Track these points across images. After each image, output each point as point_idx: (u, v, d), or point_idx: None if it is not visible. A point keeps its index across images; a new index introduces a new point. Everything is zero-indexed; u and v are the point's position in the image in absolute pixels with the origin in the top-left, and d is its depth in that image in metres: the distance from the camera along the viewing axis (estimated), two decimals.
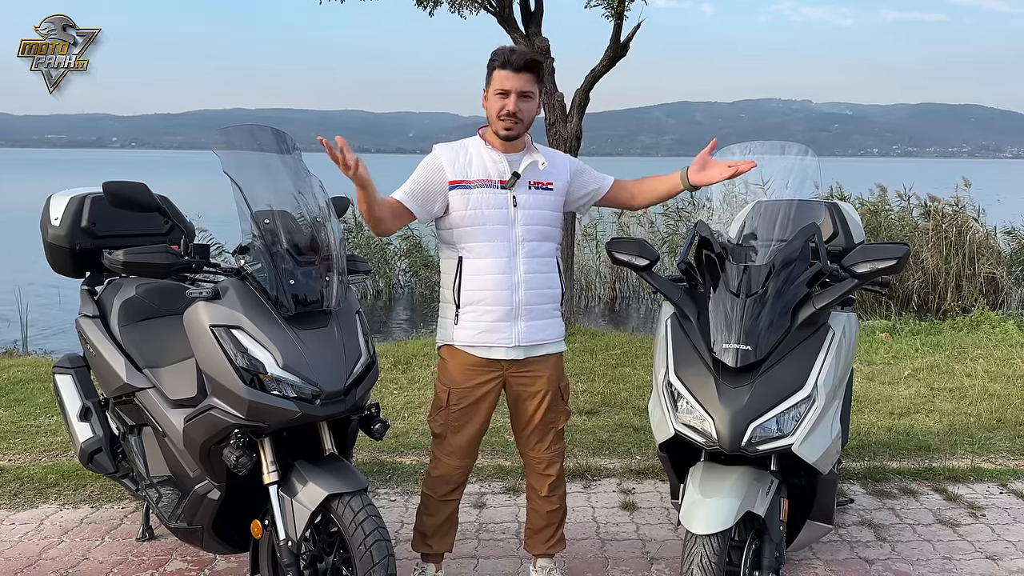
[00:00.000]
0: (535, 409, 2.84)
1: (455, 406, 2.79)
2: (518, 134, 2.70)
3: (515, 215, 2.70)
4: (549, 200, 2.78)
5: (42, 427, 4.88)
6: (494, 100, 2.67)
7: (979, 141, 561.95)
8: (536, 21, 7.86)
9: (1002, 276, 11.09)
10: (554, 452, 2.92)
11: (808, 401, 2.50)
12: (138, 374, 3.02)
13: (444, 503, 2.90)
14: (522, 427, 2.90)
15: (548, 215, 2.78)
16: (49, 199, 3.46)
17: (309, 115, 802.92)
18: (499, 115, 2.65)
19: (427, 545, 2.95)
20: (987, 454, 4.47)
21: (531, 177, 2.75)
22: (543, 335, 2.79)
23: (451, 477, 2.87)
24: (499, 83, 2.65)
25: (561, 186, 2.81)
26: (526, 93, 2.65)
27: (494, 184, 2.70)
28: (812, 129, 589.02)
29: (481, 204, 2.69)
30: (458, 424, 2.81)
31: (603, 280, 12.47)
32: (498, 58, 2.65)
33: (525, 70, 2.64)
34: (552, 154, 2.86)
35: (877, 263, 2.56)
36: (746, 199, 3.28)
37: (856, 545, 3.41)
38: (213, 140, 2.60)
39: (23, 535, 3.48)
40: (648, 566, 3.24)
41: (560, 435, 2.94)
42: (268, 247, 2.50)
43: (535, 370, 2.80)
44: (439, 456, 2.87)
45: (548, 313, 2.80)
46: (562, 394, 2.89)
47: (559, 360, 2.88)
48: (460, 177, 2.71)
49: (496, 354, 2.75)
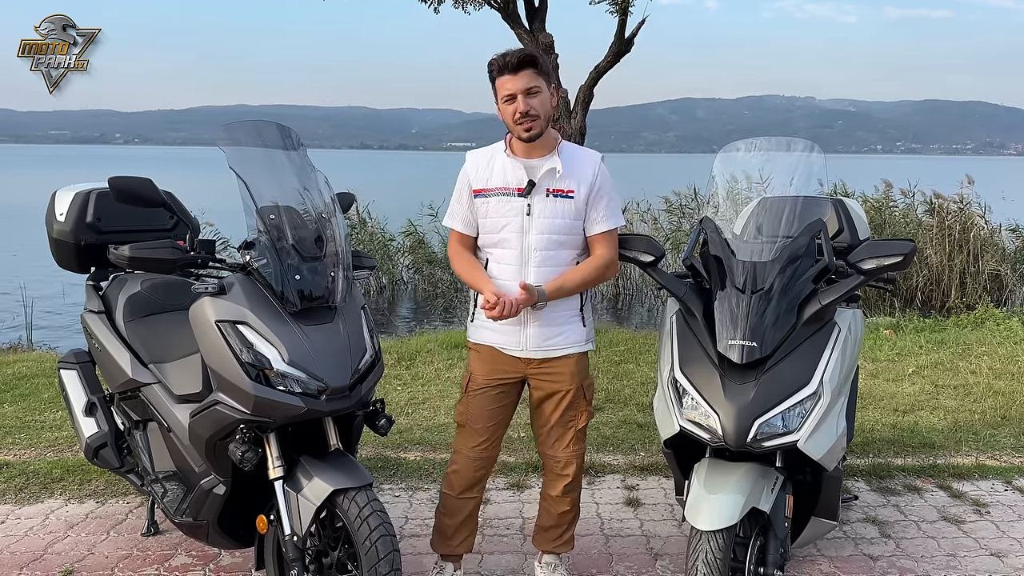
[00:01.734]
0: (555, 407, 2.83)
1: (474, 393, 2.84)
2: (540, 131, 2.65)
3: (529, 224, 2.69)
4: (568, 208, 2.71)
5: (47, 422, 4.89)
6: (505, 108, 2.65)
7: (984, 138, 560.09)
8: (540, 17, 7.85)
9: (1006, 273, 11.07)
10: (572, 452, 2.88)
11: (814, 398, 2.50)
12: (143, 369, 3.02)
13: (462, 501, 2.90)
14: (541, 425, 2.89)
15: (567, 223, 2.71)
16: (54, 195, 3.46)
17: (312, 111, 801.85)
18: (515, 120, 2.63)
19: (447, 545, 2.95)
20: (991, 451, 4.46)
21: (549, 184, 2.70)
22: (556, 341, 2.77)
23: (468, 473, 2.87)
24: (503, 90, 2.64)
25: (584, 192, 2.72)
26: (531, 89, 2.62)
27: (511, 192, 2.70)
28: (816, 126, 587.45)
29: (498, 212, 2.71)
30: (477, 411, 2.83)
31: None
32: (494, 66, 2.64)
33: (522, 67, 2.60)
34: (579, 157, 2.77)
35: (884, 259, 2.56)
36: (750, 196, 3.27)
37: (861, 542, 3.41)
38: (218, 136, 2.60)
39: (29, 530, 3.49)
40: (652, 562, 3.24)
41: (581, 435, 2.90)
42: (273, 243, 2.50)
43: (556, 368, 2.79)
44: (459, 448, 2.90)
45: (562, 319, 2.77)
46: (585, 393, 2.87)
47: (582, 359, 2.85)
48: (481, 186, 2.74)
49: (511, 352, 2.78)
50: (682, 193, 12.76)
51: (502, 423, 2.89)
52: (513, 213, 2.70)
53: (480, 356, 2.85)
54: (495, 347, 2.80)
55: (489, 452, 2.89)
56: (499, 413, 2.86)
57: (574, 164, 2.73)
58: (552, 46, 7.74)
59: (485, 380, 2.83)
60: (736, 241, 2.83)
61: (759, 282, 2.59)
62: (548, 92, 2.66)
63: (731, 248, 2.74)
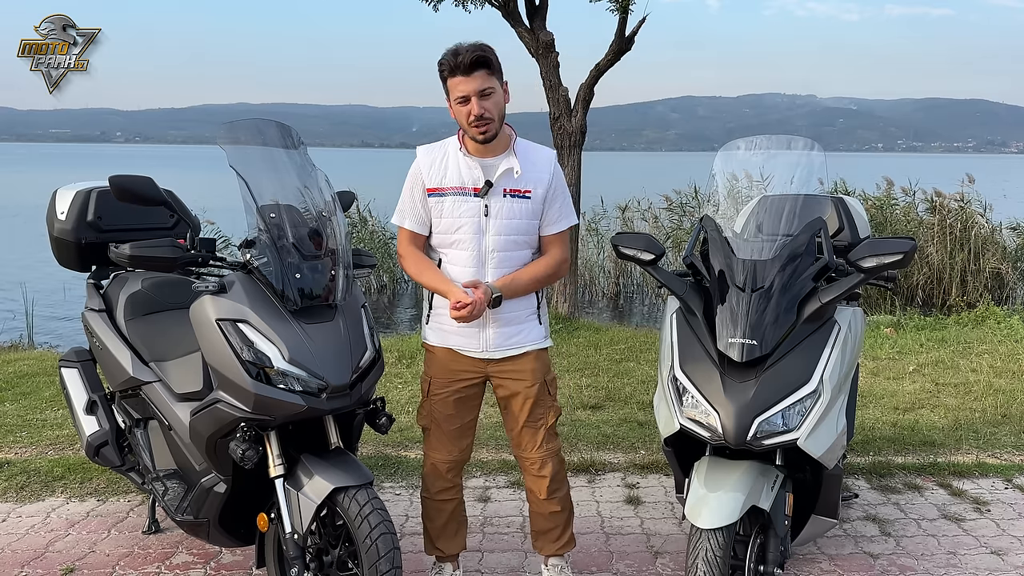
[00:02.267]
0: (521, 406, 2.80)
1: (436, 396, 2.80)
2: (495, 132, 2.62)
3: (487, 224, 2.65)
4: (526, 208, 2.69)
5: (48, 420, 4.90)
6: (459, 109, 2.59)
7: (984, 136, 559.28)
8: (541, 15, 7.84)
9: (1007, 271, 11.07)
10: (546, 451, 2.84)
11: (814, 396, 2.50)
12: (144, 368, 3.03)
13: (440, 503, 2.88)
14: (511, 427, 2.86)
15: (524, 224, 2.70)
16: (55, 193, 3.47)
17: (313, 110, 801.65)
18: (469, 122, 2.59)
19: (436, 548, 2.94)
20: (992, 449, 4.46)
21: (506, 185, 2.67)
22: (515, 340, 2.76)
23: (440, 473, 2.85)
24: (456, 91, 2.57)
25: (541, 193, 2.71)
26: (485, 91, 2.55)
27: (467, 192, 2.66)
28: (816, 124, 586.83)
29: (453, 212, 2.67)
30: (441, 415, 2.80)
31: (607, 275, 12.47)
32: (445, 66, 2.57)
33: (475, 68, 2.53)
34: (534, 157, 2.74)
35: (884, 257, 2.55)
36: (750, 194, 3.27)
37: (861, 540, 3.41)
38: (219, 135, 2.60)
39: (30, 528, 3.50)
40: (653, 560, 3.25)
41: (552, 433, 2.87)
42: (274, 241, 2.50)
43: (518, 366, 2.77)
44: (427, 451, 2.87)
45: (520, 319, 2.76)
46: (549, 389, 2.84)
47: (543, 355, 2.83)
48: (435, 185, 2.68)
49: (470, 353, 2.75)
50: (682, 191, 12.77)
51: (469, 423, 2.86)
52: (470, 214, 2.66)
53: (437, 358, 2.79)
54: (453, 348, 2.76)
55: (458, 455, 2.86)
56: (464, 414, 2.83)
57: (530, 164, 2.71)
58: (553, 44, 7.74)
59: (445, 383, 2.78)
60: (736, 239, 2.83)
61: (759, 280, 2.59)
62: (501, 91, 2.61)
63: (731, 246, 2.74)
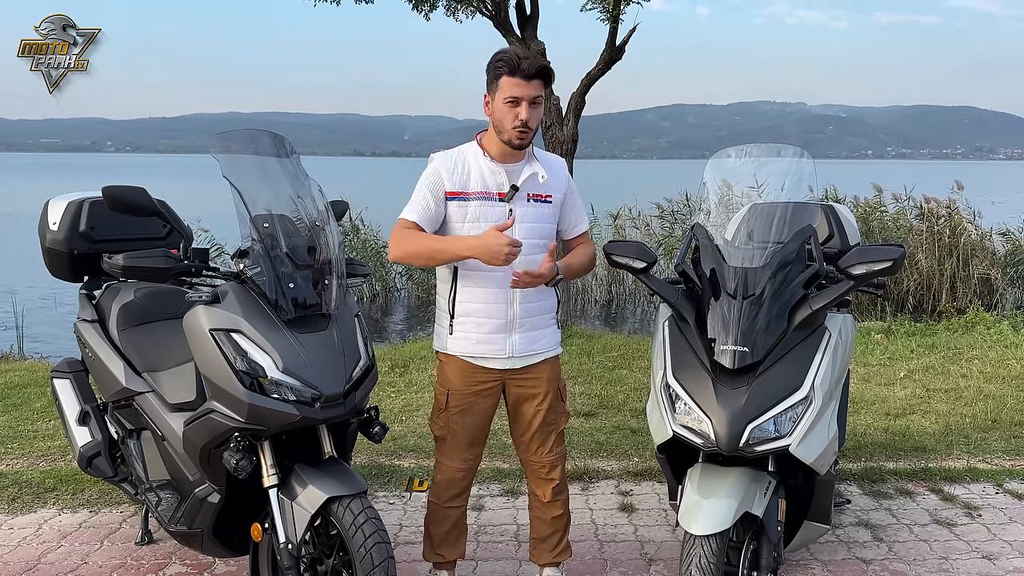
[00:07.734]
0: (535, 412, 2.83)
1: (454, 408, 2.79)
2: (530, 142, 2.67)
3: (512, 229, 2.64)
4: (547, 213, 2.74)
5: (40, 431, 4.87)
6: (503, 108, 2.58)
7: (973, 143, 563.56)
8: (532, 24, 7.88)
9: (996, 277, 11.14)
10: (556, 455, 2.90)
11: (805, 402, 2.51)
12: (137, 378, 3.02)
13: (448, 510, 2.89)
14: (522, 431, 2.88)
15: (545, 228, 2.75)
16: (47, 204, 3.45)
17: (305, 119, 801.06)
18: (513, 125, 2.58)
19: (437, 554, 2.94)
20: (983, 454, 4.49)
21: (530, 190, 2.70)
22: (538, 345, 2.78)
23: (454, 481, 2.86)
24: (509, 91, 2.55)
25: (559, 198, 2.78)
26: (536, 99, 2.58)
27: (492, 197, 2.67)
28: (807, 131, 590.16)
29: (479, 217, 2.66)
30: (459, 426, 2.81)
31: (599, 282, 12.50)
32: (506, 64, 2.55)
33: (536, 77, 2.56)
34: (552, 164, 2.80)
35: (873, 264, 2.57)
36: (741, 202, 3.29)
37: (853, 545, 3.43)
38: (212, 145, 2.60)
39: (22, 540, 3.48)
40: (647, 567, 3.25)
41: (561, 438, 2.93)
42: (267, 251, 2.50)
43: (533, 373, 2.80)
44: (441, 460, 2.88)
45: (543, 323, 2.79)
46: (561, 395, 2.90)
47: (556, 362, 2.88)
48: (458, 188, 2.67)
49: (492, 364, 2.75)
50: (674, 199, 12.82)
51: (484, 428, 2.87)
52: (495, 218, 2.66)
53: (455, 368, 2.77)
54: (476, 358, 2.74)
55: (473, 463, 2.89)
56: (482, 422, 2.84)
57: (552, 170, 2.77)
58: (544, 54, 7.77)
59: (465, 394, 2.77)
60: (727, 247, 2.85)
61: (750, 288, 2.61)
62: (543, 106, 2.66)
63: (722, 254, 2.75)
